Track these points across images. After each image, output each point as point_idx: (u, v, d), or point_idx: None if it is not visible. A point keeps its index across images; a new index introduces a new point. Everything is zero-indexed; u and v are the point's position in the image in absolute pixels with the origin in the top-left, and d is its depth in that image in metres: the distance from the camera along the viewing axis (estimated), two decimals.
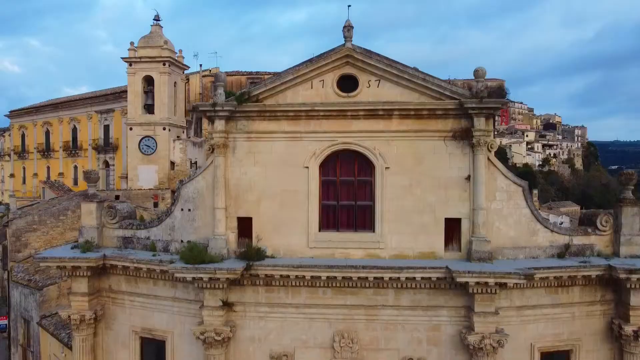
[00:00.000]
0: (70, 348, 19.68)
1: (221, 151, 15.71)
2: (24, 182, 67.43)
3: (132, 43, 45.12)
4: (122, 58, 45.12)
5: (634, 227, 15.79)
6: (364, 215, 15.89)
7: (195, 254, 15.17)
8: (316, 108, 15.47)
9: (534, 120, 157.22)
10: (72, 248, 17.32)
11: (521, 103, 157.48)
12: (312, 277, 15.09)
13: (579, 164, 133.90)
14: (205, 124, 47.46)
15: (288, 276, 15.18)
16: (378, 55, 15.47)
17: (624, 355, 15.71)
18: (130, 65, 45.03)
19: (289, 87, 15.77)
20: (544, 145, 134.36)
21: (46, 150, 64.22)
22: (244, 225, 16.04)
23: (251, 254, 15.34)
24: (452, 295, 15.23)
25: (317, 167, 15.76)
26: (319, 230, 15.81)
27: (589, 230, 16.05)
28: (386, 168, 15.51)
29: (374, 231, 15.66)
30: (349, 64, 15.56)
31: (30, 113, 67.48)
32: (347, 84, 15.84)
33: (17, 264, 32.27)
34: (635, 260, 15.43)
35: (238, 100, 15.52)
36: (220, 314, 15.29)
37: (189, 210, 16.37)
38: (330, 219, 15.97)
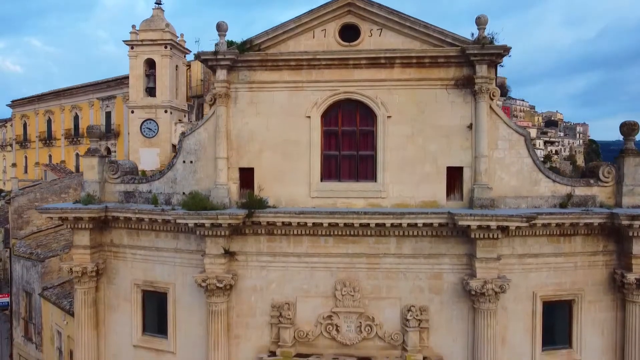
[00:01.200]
0: (72, 315, 19.73)
1: (223, 101, 15.70)
2: (25, 171, 67.51)
3: (133, 26, 45.13)
4: (123, 41, 45.13)
5: (636, 177, 15.74)
6: (366, 166, 15.87)
7: (197, 202, 15.19)
8: (318, 57, 15.46)
9: (536, 118, 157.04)
10: (74, 203, 17.34)
11: (522, 100, 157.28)
12: (313, 224, 15.07)
13: (580, 160, 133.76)
14: (206, 109, 47.58)
15: (290, 224, 15.17)
16: (379, 4, 15.46)
17: (626, 305, 15.67)
18: (132, 48, 44.99)
19: (290, 36, 15.77)
20: (545, 142, 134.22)
21: (48, 139, 64.33)
22: (246, 177, 16.03)
23: (253, 203, 15.34)
24: (454, 243, 15.22)
25: (319, 117, 15.74)
26: (321, 181, 15.79)
27: (591, 181, 16.00)
28: (388, 117, 15.50)
29: (375, 181, 15.65)
30: (351, 13, 15.55)
31: (32, 102, 67.58)
32: (349, 34, 15.83)
33: (19, 241, 32.32)
34: (638, 210, 15.38)
35: (240, 49, 15.51)
36: (222, 262, 15.29)
37: (191, 162, 16.37)
38: (332, 169, 15.96)
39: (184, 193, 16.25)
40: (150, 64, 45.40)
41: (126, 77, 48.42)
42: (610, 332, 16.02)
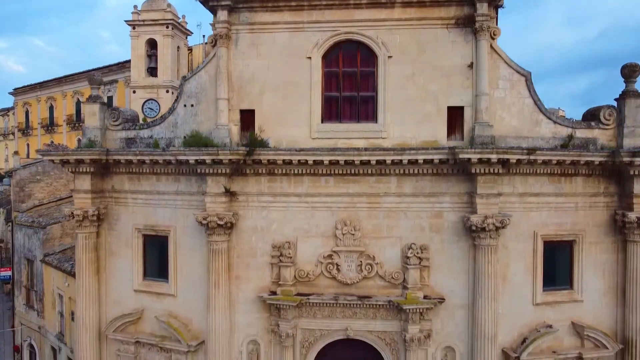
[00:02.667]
0: (74, 276, 19.73)
1: (224, 42, 15.71)
2: (27, 157, 67.58)
3: (135, 7, 45.21)
4: (125, 21, 45.21)
5: (637, 119, 15.70)
6: (367, 107, 15.86)
7: (198, 140, 15.24)
8: None
9: None
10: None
11: None
12: (314, 162, 15.08)
13: None
14: None
15: (290, 162, 15.18)
16: None
17: (627, 246, 15.67)
18: (134, 28, 45.04)
19: None
20: None
21: (50, 125, 64.44)
22: (247, 119, 16.03)
23: (254, 143, 15.35)
24: (454, 182, 15.22)
25: (320, 58, 15.75)
26: (322, 122, 15.78)
27: (592, 124, 15.97)
28: (389, 57, 15.49)
29: (376, 121, 15.64)
30: None
31: (34, 89, 67.67)
32: None
33: (21, 213, 32.39)
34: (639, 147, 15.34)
35: None
36: (222, 201, 15.31)
37: (192, 105, 16.38)
38: (333, 111, 15.96)
39: (185, 137, 16.25)
40: (152, 45, 45.52)
41: (127, 62, 48.51)
42: (611, 274, 16.01)
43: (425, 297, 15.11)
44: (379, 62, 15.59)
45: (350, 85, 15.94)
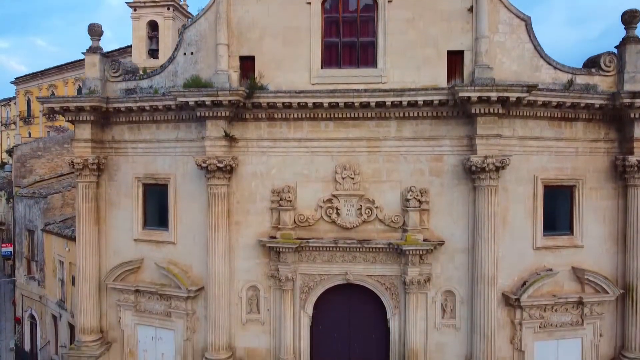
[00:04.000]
0: (74, 239, 19.72)
1: None
2: None
3: None
4: (126, 3, 45.30)
5: (637, 65, 15.66)
6: (367, 52, 15.82)
7: (198, 83, 15.24)
8: None
9: None
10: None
11: None
12: (314, 105, 15.07)
13: None
14: None
15: (290, 105, 15.17)
16: None
17: (628, 190, 15.64)
18: (135, 10, 45.18)
19: None
20: None
21: (51, 113, 64.44)
22: (246, 66, 15.98)
23: (253, 88, 15.33)
24: (454, 125, 15.20)
25: (320, 3, 15.70)
26: (322, 68, 15.75)
27: (593, 70, 15.94)
28: (389, 2, 15.45)
29: (376, 66, 15.60)
30: None
31: (36, 77, 67.82)
32: None
33: (22, 188, 32.42)
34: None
35: None
36: (222, 144, 15.30)
37: (192, 53, 16.37)
38: (333, 56, 15.92)
39: (184, 83, 16.23)
40: (153, 27, 45.61)
41: (129, 47, 48.53)
42: (611, 220, 15.98)
43: (425, 240, 15.08)
44: (378, 6, 15.56)
45: (350, 31, 15.91)
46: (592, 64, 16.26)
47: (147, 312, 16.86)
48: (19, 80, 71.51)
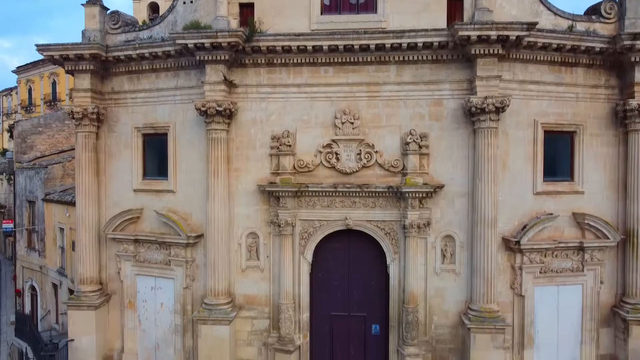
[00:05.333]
0: (74, 204, 19.70)
1: None
2: None
3: None
4: None
5: (638, 10, 15.57)
6: None
7: (197, 26, 15.22)
8: None
9: None
10: None
11: None
12: (313, 49, 15.02)
13: None
14: None
15: (290, 50, 15.13)
16: None
17: (628, 136, 15.59)
18: None
19: None
20: None
21: (53, 101, 64.39)
22: (246, 13, 15.90)
23: (253, 32, 15.30)
24: (454, 69, 15.16)
25: None
26: (321, 14, 15.71)
27: (593, 17, 15.88)
28: None
29: (375, 12, 15.53)
30: None
31: (37, 66, 67.57)
32: None
33: (23, 163, 32.45)
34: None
35: None
36: (221, 89, 15.25)
37: (191, 1, 16.33)
38: (333, 2, 15.85)
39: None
40: (154, 9, 45.67)
41: None
42: (612, 168, 15.92)
43: (424, 184, 15.03)
44: None
45: None
46: (593, 11, 16.20)
47: (146, 262, 16.84)
48: (20, 69, 71.49)
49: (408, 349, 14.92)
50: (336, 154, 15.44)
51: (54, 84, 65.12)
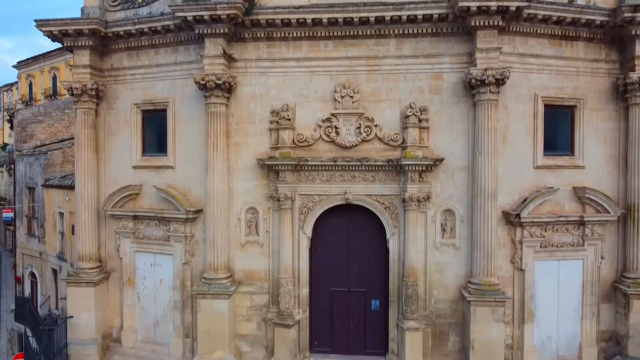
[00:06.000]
0: (73, 188, 19.68)
1: None
2: None
3: None
4: None
5: None
6: None
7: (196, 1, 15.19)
8: None
9: None
10: None
11: None
12: (313, 22, 14.97)
13: None
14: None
15: (289, 23, 15.08)
16: None
17: (629, 110, 15.53)
18: None
19: None
20: None
21: (53, 95, 64.41)
22: None
23: (252, 5, 15.26)
24: (454, 42, 15.11)
25: None
26: None
27: None
28: None
29: None
30: None
31: (38, 60, 67.77)
32: None
33: (22, 152, 32.42)
34: None
35: None
36: (221, 62, 15.20)
37: None
38: None
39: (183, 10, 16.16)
40: None
41: None
42: (613, 143, 15.87)
43: (424, 157, 14.97)
44: None
45: None
46: None
47: (145, 238, 16.80)
48: (20, 64, 71.54)
49: (408, 323, 14.87)
50: (336, 128, 15.40)
51: (54, 78, 65.15)
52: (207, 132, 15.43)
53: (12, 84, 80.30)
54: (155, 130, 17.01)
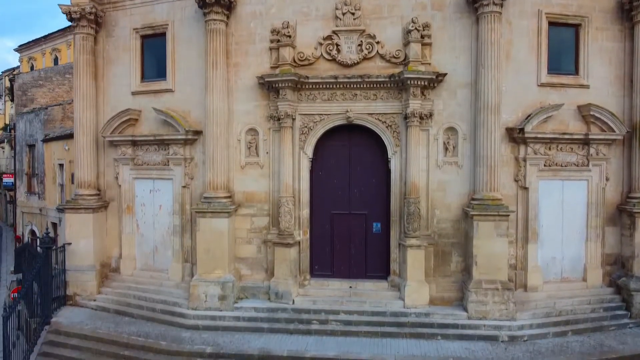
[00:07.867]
0: (72, 137, 19.48)
1: None
2: None
3: None
4: None
5: None
6: None
7: None
8: None
9: None
10: None
11: None
12: None
13: None
14: None
15: None
16: None
17: (634, 30, 15.27)
18: None
19: None
20: None
21: None
22: None
23: None
24: None
25: None
26: None
27: None
28: None
29: None
30: None
31: (39, 43, 67.51)
32: None
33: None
34: None
35: None
36: None
37: None
38: None
39: None
40: None
41: None
42: (618, 63, 15.59)
43: (427, 72, 14.75)
44: None
45: None
46: None
47: (145, 164, 16.64)
48: (22, 48, 71.39)
49: (409, 240, 14.65)
50: (337, 45, 15.20)
51: (55, 59, 65.00)
52: (207, 51, 15.24)
53: (13, 69, 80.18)
54: (154, 56, 16.83)
